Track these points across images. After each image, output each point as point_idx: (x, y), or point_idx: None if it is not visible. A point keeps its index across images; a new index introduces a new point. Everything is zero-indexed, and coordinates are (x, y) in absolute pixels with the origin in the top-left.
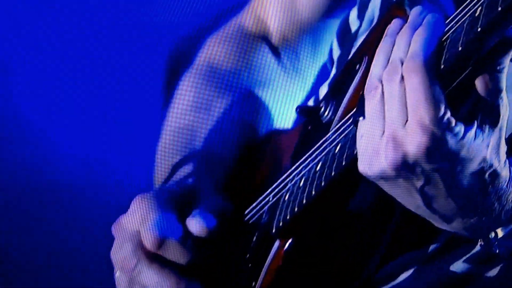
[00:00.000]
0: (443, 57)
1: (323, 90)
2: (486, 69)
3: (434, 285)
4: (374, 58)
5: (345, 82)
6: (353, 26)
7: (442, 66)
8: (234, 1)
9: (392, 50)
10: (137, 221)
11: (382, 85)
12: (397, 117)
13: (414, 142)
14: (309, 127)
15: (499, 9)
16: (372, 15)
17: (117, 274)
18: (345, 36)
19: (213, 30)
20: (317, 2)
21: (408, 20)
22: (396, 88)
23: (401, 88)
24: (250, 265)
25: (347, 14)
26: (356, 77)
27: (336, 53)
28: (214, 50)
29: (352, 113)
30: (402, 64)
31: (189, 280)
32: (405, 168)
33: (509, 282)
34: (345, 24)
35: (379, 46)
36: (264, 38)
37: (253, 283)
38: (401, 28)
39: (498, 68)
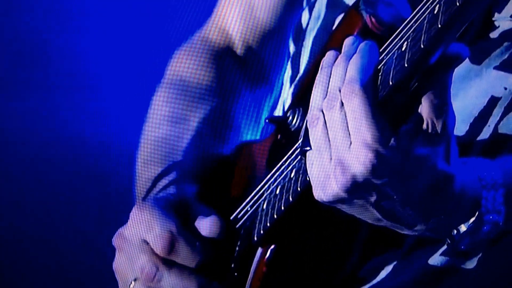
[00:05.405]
0: (379, 79)
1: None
2: (429, 87)
3: (414, 279)
4: (313, 90)
5: (310, 88)
6: (304, 24)
7: (379, 88)
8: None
9: (329, 80)
10: (142, 230)
11: (324, 115)
12: (342, 142)
13: (360, 162)
14: (279, 136)
15: (426, 38)
16: (318, 13)
17: (132, 285)
18: (299, 35)
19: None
20: (273, 5)
21: (342, 51)
22: (337, 115)
23: (341, 113)
24: (236, 274)
25: (300, 13)
26: None
27: (292, 51)
28: (182, 64)
29: (297, 144)
30: (340, 91)
31: (209, 281)
32: (356, 188)
33: (487, 273)
34: (299, 23)
35: (316, 78)
36: (228, 48)
37: None
38: (336, 59)
39: (441, 84)
